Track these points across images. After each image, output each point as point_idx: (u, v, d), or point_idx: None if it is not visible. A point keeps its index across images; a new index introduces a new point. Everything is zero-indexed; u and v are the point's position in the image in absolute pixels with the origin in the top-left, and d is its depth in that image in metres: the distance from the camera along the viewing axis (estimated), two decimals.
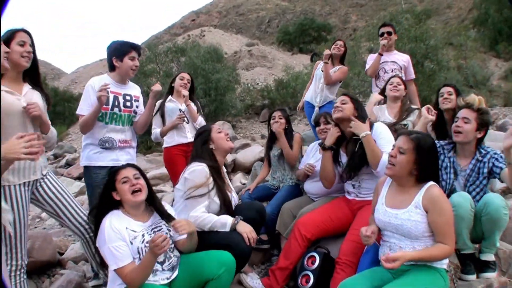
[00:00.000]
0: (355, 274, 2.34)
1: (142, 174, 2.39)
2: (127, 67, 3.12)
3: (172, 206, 2.71)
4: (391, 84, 3.73)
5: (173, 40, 24.77)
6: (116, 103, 3.11)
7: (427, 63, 11.71)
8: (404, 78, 4.44)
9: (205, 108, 13.50)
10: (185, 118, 3.95)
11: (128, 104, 3.19)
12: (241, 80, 18.40)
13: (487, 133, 2.74)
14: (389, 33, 4.51)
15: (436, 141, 2.59)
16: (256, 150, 7.24)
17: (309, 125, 11.94)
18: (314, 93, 4.91)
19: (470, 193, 2.63)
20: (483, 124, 2.63)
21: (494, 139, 5.43)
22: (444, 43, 13.59)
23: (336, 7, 40.09)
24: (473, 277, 2.59)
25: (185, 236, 2.40)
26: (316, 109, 4.85)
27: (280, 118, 3.74)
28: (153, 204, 2.42)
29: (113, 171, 2.35)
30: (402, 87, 3.71)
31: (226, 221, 2.55)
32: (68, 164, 11.72)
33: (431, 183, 2.11)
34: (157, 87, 3.29)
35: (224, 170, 2.95)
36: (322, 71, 4.75)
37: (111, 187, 2.30)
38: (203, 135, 2.82)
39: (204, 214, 2.58)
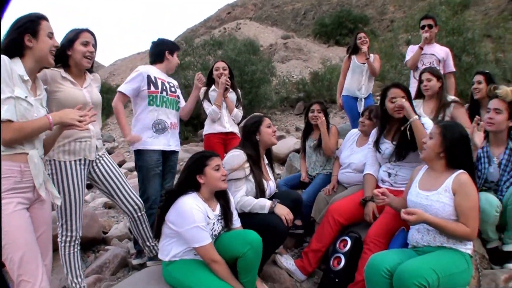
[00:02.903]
0: None
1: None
2: (176, 63, 3.53)
3: None
4: (421, 82, 3.64)
5: (209, 33, 25.09)
6: (164, 87, 3.38)
7: (464, 57, 11.26)
8: (443, 71, 4.43)
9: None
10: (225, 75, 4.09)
11: (173, 89, 3.47)
12: (276, 72, 18.43)
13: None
14: (430, 26, 4.48)
15: None
16: (291, 142, 7.37)
17: (344, 117, 11.88)
18: (357, 85, 4.93)
19: (504, 182, 2.67)
20: None
21: None
22: (482, 35, 13.00)
23: None
24: (497, 267, 2.67)
25: (240, 225, 2.67)
26: (362, 101, 4.90)
27: (319, 112, 3.85)
28: (222, 195, 2.63)
29: (205, 156, 2.53)
30: (432, 82, 3.56)
31: (264, 204, 2.73)
32: (108, 153, 12.29)
33: (462, 170, 2.21)
34: (202, 79, 3.65)
35: (266, 161, 3.12)
36: (363, 63, 4.84)
37: (200, 170, 2.48)
38: (254, 125, 2.99)
39: (245, 197, 2.78)
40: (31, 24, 2.02)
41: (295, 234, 3.46)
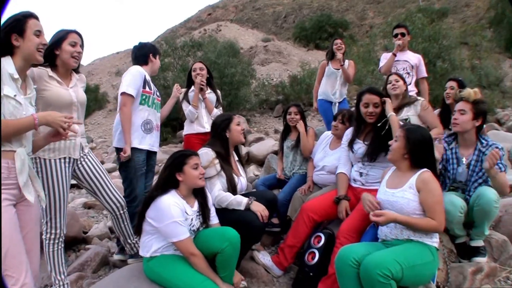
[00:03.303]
0: None
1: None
2: (158, 65, 3.61)
3: None
4: (389, 83, 3.74)
5: (189, 34, 25.07)
6: (155, 90, 3.50)
7: (440, 62, 11.71)
8: (416, 77, 4.67)
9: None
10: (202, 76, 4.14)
11: (157, 93, 3.57)
12: (256, 75, 18.60)
13: (485, 121, 2.92)
14: (403, 34, 4.68)
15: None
16: (269, 143, 7.52)
17: (322, 121, 12.13)
18: (332, 90, 5.13)
19: (473, 182, 2.84)
20: (479, 113, 2.82)
21: (503, 139, 5.58)
22: (459, 43, 13.52)
23: (353, 3, 39.78)
24: (464, 261, 2.85)
25: (217, 221, 2.79)
26: (336, 105, 5.10)
27: (296, 114, 4.00)
28: (199, 192, 2.73)
29: (185, 155, 2.63)
30: (400, 83, 3.69)
31: (241, 201, 2.86)
32: None
33: (425, 169, 2.39)
34: (180, 90, 3.84)
35: (236, 158, 3.26)
36: (337, 69, 5.02)
37: (179, 168, 2.58)
38: (225, 122, 3.12)
39: (222, 193, 2.90)
40: (17, 24, 2.06)
41: (272, 232, 3.58)
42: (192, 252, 2.47)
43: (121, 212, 3.07)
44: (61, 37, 2.63)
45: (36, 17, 2.14)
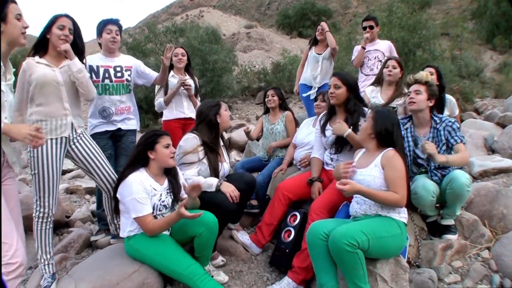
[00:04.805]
0: None
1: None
2: (106, 41, 3.49)
3: None
4: (387, 67, 3.82)
5: (172, 20, 24.72)
6: (107, 75, 3.47)
7: (420, 52, 11.93)
8: None
9: (201, 89, 13.76)
10: (186, 81, 4.13)
11: (119, 75, 3.53)
12: (238, 62, 18.56)
13: (438, 102, 3.12)
14: (371, 27, 4.83)
15: None
16: (250, 129, 7.61)
17: (303, 108, 12.26)
18: (313, 74, 5.08)
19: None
20: (433, 94, 3.00)
21: (480, 128, 5.81)
22: (439, 33, 13.74)
23: None
24: (435, 238, 3.00)
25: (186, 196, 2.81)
26: (315, 89, 5.08)
27: (273, 96, 4.11)
28: (170, 171, 2.81)
29: (157, 134, 2.71)
30: (397, 70, 3.79)
31: (212, 183, 2.95)
32: None
33: (390, 148, 2.55)
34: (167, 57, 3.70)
35: (221, 143, 3.32)
36: (319, 53, 5.07)
37: (150, 146, 2.67)
38: (215, 108, 3.16)
39: (194, 177, 2.99)
40: None
41: (251, 213, 3.70)
42: (147, 228, 2.55)
43: None
44: (51, 21, 2.70)
45: (15, 1, 2.15)
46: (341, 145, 3.16)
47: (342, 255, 2.23)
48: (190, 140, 3.03)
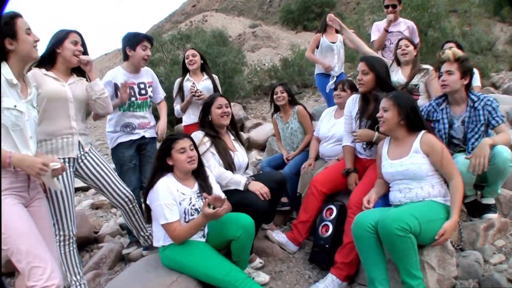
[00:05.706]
0: None
1: (195, 145, 2.68)
2: (139, 57, 3.40)
3: None
4: (399, 48, 3.80)
5: (176, 28, 24.80)
6: (132, 93, 3.42)
7: (431, 31, 11.65)
8: None
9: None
10: (197, 91, 3.98)
11: (143, 92, 3.50)
12: (247, 62, 18.47)
13: (472, 78, 2.90)
14: (394, 6, 4.51)
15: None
16: (268, 127, 7.55)
17: (318, 100, 12.08)
18: (330, 64, 4.92)
19: (469, 139, 2.82)
20: (466, 71, 2.79)
21: (502, 102, 5.60)
22: (447, 11, 13.43)
23: None
24: (475, 219, 2.88)
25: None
26: (334, 78, 4.92)
27: (282, 93, 3.98)
28: (199, 174, 2.71)
29: (171, 139, 2.60)
30: (410, 48, 3.76)
31: (240, 181, 2.84)
32: None
33: (424, 131, 2.43)
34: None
35: (232, 137, 3.21)
36: (333, 42, 4.90)
37: (167, 153, 2.58)
38: (206, 106, 3.11)
39: (221, 169, 2.90)
40: (7, 27, 2.01)
41: (283, 211, 3.61)
42: (173, 235, 2.45)
43: (131, 206, 3.08)
44: (62, 36, 2.66)
45: (21, 16, 2.09)
46: (370, 142, 3.02)
47: (394, 240, 2.12)
48: (195, 136, 2.91)
